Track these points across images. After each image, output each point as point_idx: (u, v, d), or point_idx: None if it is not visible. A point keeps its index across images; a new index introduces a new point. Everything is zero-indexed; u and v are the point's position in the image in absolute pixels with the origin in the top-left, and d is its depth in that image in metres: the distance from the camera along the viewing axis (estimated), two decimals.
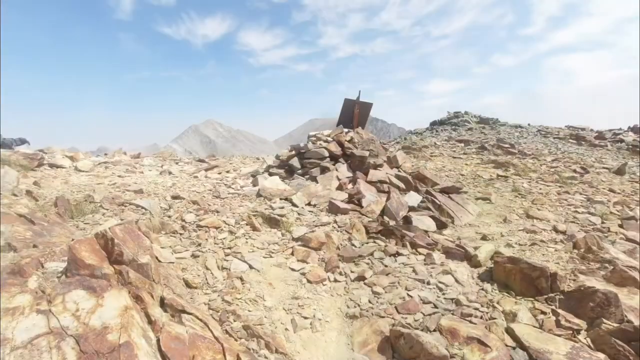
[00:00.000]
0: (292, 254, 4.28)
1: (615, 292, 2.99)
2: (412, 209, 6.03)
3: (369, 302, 3.43)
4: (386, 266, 4.04)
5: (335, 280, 3.77)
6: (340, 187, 6.49)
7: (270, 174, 7.19)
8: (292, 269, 3.95)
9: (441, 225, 5.64)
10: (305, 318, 3.20)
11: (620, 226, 5.87)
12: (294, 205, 5.69)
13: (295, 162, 7.25)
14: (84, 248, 2.42)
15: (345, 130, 8.14)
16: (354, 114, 8.23)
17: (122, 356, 1.72)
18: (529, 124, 26.29)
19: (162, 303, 2.62)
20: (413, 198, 6.44)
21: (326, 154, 7.18)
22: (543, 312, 3.14)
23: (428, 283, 3.70)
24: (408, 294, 3.50)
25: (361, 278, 3.78)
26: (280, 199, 5.96)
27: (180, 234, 4.37)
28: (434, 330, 2.91)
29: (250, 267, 3.87)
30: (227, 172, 8.42)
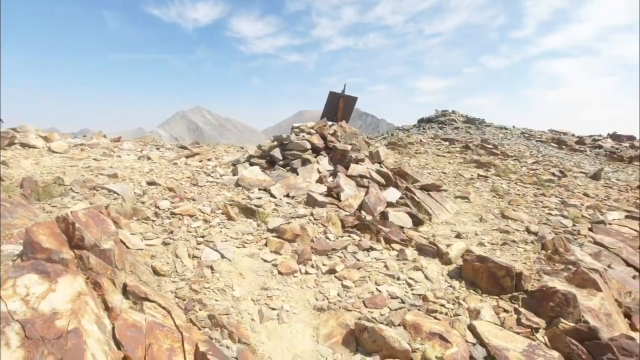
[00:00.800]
0: (266, 244, 4.26)
1: (574, 293, 3.07)
2: (390, 204, 6.07)
3: (338, 295, 3.45)
4: (358, 260, 4.06)
5: (307, 273, 3.77)
6: (320, 180, 6.49)
7: (251, 164, 7.12)
8: (264, 260, 3.93)
9: (417, 222, 5.70)
10: (273, 309, 3.19)
11: (590, 229, 6.04)
12: (272, 196, 5.66)
13: (276, 152, 7.20)
14: (42, 231, 2.35)
15: (329, 123, 8.11)
16: (339, 107, 8.20)
17: (69, 342, 1.68)
18: (513, 126, 26.79)
19: (125, 290, 2.58)
20: (392, 194, 6.48)
21: (308, 146, 7.14)
22: (506, 310, 3.22)
23: (398, 278, 3.73)
24: (377, 289, 3.53)
25: (332, 271, 3.79)
26: (259, 189, 5.92)
27: (153, 220, 4.29)
28: (399, 325, 2.95)
29: (222, 256, 3.84)
30: (209, 160, 8.31)
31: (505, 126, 26.43)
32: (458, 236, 5.43)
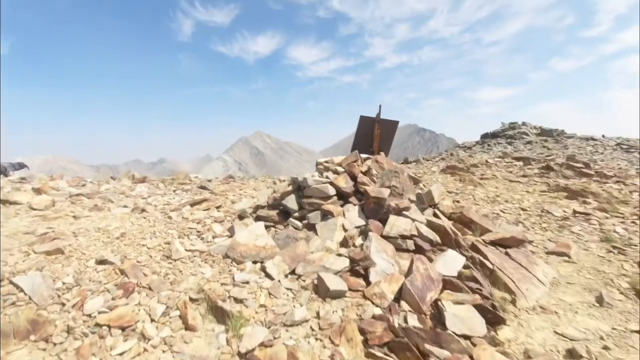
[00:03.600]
0: None
1: None
2: (448, 283, 3.96)
3: None
4: None
5: None
6: (345, 242, 4.60)
7: (258, 218, 5.46)
8: None
9: (495, 320, 3.52)
10: None
11: None
12: (268, 275, 3.88)
13: (291, 201, 5.46)
14: None
15: (364, 156, 6.23)
16: (374, 135, 6.28)
17: None
18: (603, 136, 22.41)
19: None
20: (451, 261, 4.36)
21: (332, 191, 5.30)
22: None
23: None
24: None
25: None
26: (254, 262, 4.20)
27: (55, 343, 2.73)
28: None
29: None
30: (218, 207, 6.84)
31: (592, 136, 22.19)
32: (571, 355, 3.15)
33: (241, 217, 5.79)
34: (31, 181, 7.59)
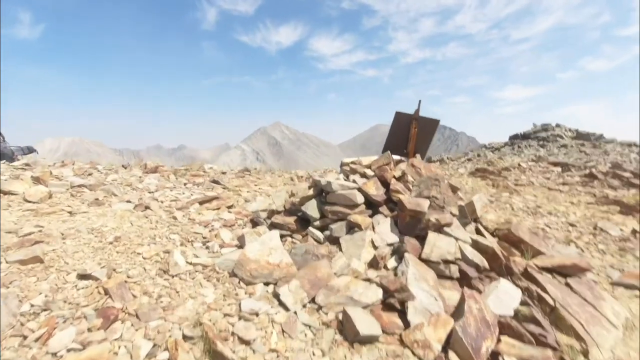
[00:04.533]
0: None
1: None
2: (505, 326, 3.16)
3: None
4: None
5: None
6: (375, 263, 3.85)
7: (273, 225, 4.75)
8: None
9: None
10: None
11: None
12: (282, 304, 3.17)
13: (311, 208, 4.72)
14: None
15: (396, 158, 5.42)
16: (410, 134, 5.44)
17: None
18: None
19: None
20: (505, 296, 3.55)
21: (359, 199, 4.54)
22: None
23: None
24: None
25: None
26: (265, 283, 3.50)
27: None
28: None
29: None
30: (229, 207, 6.18)
31: (635, 142, 20.59)
32: None
33: (254, 222, 5.10)
34: (34, 168, 7.11)
